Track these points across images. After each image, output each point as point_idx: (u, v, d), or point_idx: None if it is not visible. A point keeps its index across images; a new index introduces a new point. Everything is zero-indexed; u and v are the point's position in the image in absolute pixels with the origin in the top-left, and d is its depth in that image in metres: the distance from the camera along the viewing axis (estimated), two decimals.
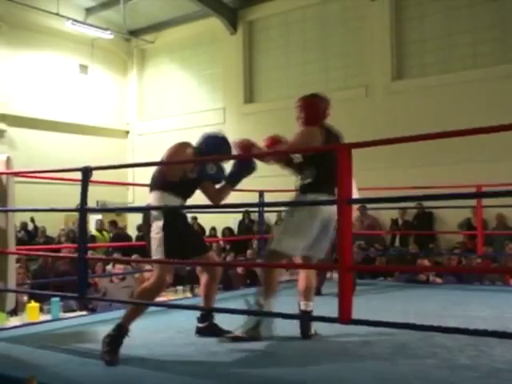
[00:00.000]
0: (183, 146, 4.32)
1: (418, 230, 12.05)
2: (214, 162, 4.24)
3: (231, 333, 4.37)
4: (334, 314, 3.24)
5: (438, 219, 12.60)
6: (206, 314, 4.50)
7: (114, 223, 14.81)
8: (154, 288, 4.07)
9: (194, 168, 4.22)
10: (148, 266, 8.84)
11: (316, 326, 4.38)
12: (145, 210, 4.32)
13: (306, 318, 4.40)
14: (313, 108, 4.46)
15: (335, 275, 7.24)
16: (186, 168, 4.20)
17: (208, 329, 4.47)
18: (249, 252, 10.52)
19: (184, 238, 4.21)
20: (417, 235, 11.72)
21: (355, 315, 3.28)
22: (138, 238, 14.39)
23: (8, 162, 4.90)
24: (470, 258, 8.91)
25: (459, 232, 11.55)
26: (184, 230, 4.29)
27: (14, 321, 5.84)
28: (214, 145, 4.36)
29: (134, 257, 9.06)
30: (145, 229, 4.25)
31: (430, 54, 13.44)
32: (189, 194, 4.36)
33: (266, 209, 9.08)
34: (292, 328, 4.36)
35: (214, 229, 14.57)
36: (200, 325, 4.51)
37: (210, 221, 14.17)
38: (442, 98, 12.73)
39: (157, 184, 4.25)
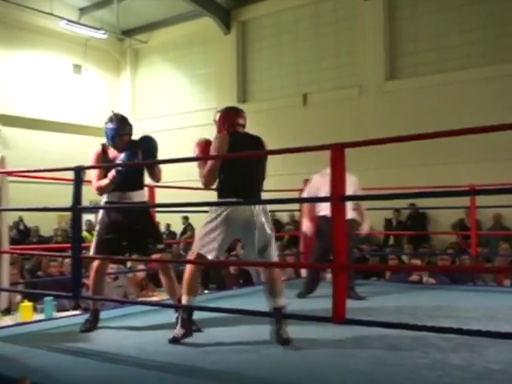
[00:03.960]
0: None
1: (411, 230, 12.08)
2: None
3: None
4: (328, 313, 3.25)
5: (431, 220, 12.66)
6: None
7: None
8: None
9: None
10: (141, 266, 8.85)
11: (308, 326, 4.38)
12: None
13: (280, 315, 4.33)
14: (220, 120, 4.49)
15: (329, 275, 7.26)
16: None
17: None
18: (241, 252, 10.51)
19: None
20: (410, 236, 11.75)
21: (348, 315, 3.29)
22: None
23: (2, 161, 4.90)
24: (462, 258, 8.93)
25: (453, 232, 11.59)
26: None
27: (7, 320, 5.82)
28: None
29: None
30: None
31: (423, 54, 13.48)
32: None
33: None
34: (287, 328, 4.37)
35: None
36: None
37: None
38: (435, 97, 12.78)
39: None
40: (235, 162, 4.30)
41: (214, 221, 4.25)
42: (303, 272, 9.00)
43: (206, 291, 8.21)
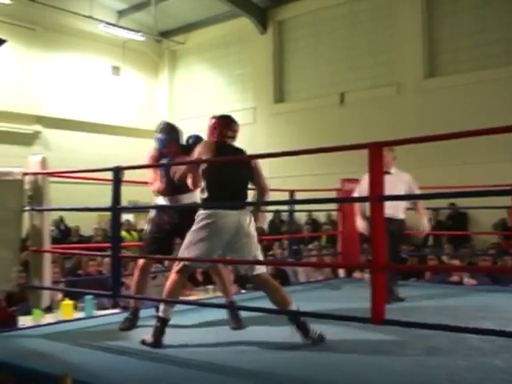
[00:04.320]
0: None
1: (451, 230, 11.90)
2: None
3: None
4: (366, 314, 3.22)
5: (472, 220, 12.45)
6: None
7: None
8: None
9: None
10: None
11: (347, 327, 4.35)
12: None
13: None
14: (210, 128, 4.52)
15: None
16: None
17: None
18: (278, 252, 10.51)
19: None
20: (450, 236, 11.58)
21: (387, 316, 3.26)
22: None
23: (43, 162, 4.98)
24: (504, 259, 8.77)
25: (494, 233, 11.39)
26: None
27: (48, 318, 5.92)
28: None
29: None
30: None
31: (463, 51, 13.28)
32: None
33: (296, 208, 9.04)
34: (322, 328, 4.36)
35: None
36: None
37: None
38: (475, 95, 12.58)
39: None
40: (220, 172, 4.28)
41: (200, 230, 4.21)
42: (341, 272, 8.97)
43: (243, 291, 8.21)
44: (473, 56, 13.13)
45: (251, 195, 4.53)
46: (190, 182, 4.41)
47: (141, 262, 5.04)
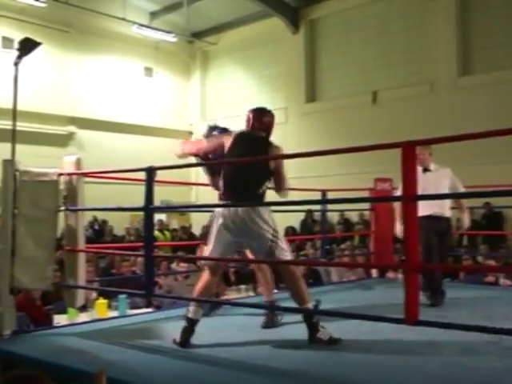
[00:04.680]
0: None
1: (486, 230, 11.71)
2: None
3: None
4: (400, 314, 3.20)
5: (508, 219, 12.25)
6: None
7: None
8: None
9: None
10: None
11: (378, 327, 4.32)
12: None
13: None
14: (246, 121, 4.68)
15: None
16: None
17: None
18: (311, 251, 10.49)
19: None
20: (485, 236, 11.40)
21: (421, 316, 3.23)
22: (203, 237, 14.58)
23: (78, 163, 5.04)
24: None
25: None
26: None
27: (83, 317, 5.99)
28: None
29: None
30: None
31: (498, 48, 13.07)
32: None
33: (328, 208, 9.00)
34: (355, 328, 4.34)
35: None
36: None
37: None
38: (510, 93, 12.37)
39: None
40: (225, 166, 4.41)
41: (212, 230, 4.37)
42: (374, 272, 8.92)
43: (276, 290, 8.21)
44: (507, 53, 12.92)
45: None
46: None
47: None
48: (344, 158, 9.51)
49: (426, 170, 5.96)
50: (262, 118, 4.57)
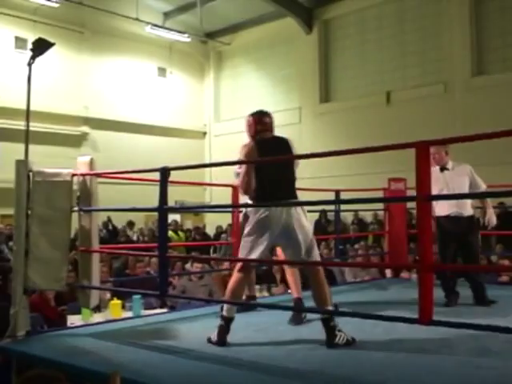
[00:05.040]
0: None
1: (501, 230, 11.59)
2: None
3: None
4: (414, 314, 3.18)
5: None
6: None
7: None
8: None
9: None
10: (225, 265, 8.93)
11: (393, 327, 4.30)
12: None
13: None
14: (247, 126, 4.68)
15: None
16: None
17: None
18: (325, 251, 10.46)
19: None
20: (500, 235, 11.29)
21: (435, 316, 3.21)
22: (216, 237, 14.62)
23: (91, 163, 5.05)
24: None
25: None
26: None
27: (97, 317, 6.02)
28: None
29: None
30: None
31: (511, 49, 12.97)
32: None
33: (342, 208, 8.97)
34: (370, 328, 4.32)
35: None
36: None
37: None
38: None
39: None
40: (264, 168, 4.36)
41: (252, 228, 4.33)
42: (388, 272, 8.87)
43: (289, 291, 8.20)
44: None
45: None
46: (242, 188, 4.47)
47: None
48: (358, 158, 9.51)
49: (443, 168, 5.88)
50: (262, 120, 4.61)
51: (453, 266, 9.37)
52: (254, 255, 4.26)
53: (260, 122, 4.60)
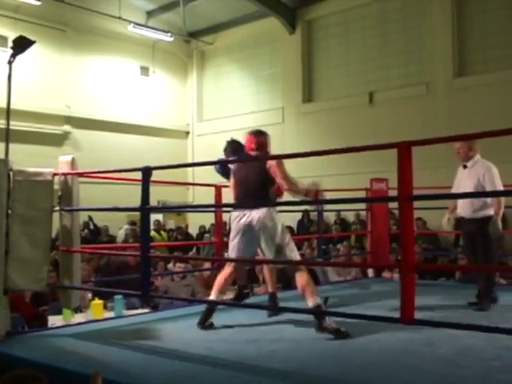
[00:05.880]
0: None
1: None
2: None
3: None
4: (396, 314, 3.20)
5: (507, 220, 12.23)
6: None
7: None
8: None
9: None
10: (207, 265, 8.92)
11: (375, 327, 4.32)
12: None
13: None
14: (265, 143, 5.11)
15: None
16: None
17: None
18: (307, 251, 10.47)
19: None
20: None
21: (417, 315, 3.23)
22: (199, 237, 14.60)
23: (73, 162, 5.02)
24: None
25: None
26: None
27: (78, 317, 5.98)
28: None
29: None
30: None
31: (494, 50, 13.08)
32: None
33: (324, 208, 9.00)
34: (352, 327, 4.34)
35: None
36: None
37: None
38: (506, 94, 12.39)
39: None
40: (237, 177, 4.98)
41: (232, 232, 4.86)
42: (370, 272, 8.92)
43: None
44: (503, 54, 12.93)
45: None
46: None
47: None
48: (341, 158, 9.55)
49: (465, 166, 5.71)
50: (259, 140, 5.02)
51: (433, 266, 9.44)
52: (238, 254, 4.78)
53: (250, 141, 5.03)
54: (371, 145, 3.95)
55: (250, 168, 4.88)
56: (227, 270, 4.92)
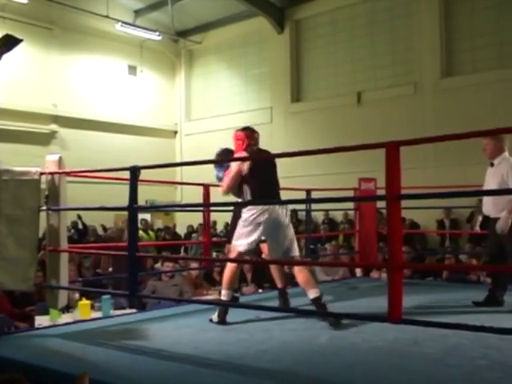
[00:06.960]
0: None
1: (470, 229, 11.74)
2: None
3: None
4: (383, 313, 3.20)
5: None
6: None
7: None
8: None
9: None
10: (194, 264, 8.90)
11: (366, 326, 4.34)
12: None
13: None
14: (238, 140, 5.14)
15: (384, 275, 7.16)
16: None
17: None
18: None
19: None
20: (471, 235, 11.43)
21: (405, 315, 3.23)
22: (187, 237, 14.57)
23: (60, 161, 4.99)
24: None
25: None
26: None
27: (66, 318, 5.95)
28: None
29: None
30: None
31: (481, 50, 13.16)
32: None
33: (312, 207, 9.00)
34: (343, 328, 4.34)
35: None
36: None
37: None
38: (493, 94, 12.47)
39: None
40: (259, 173, 4.95)
41: (248, 221, 4.85)
42: (358, 271, 8.94)
43: (261, 290, 8.21)
44: (490, 55, 13.02)
45: None
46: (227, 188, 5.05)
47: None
48: (329, 157, 9.58)
49: (492, 164, 5.51)
50: (253, 136, 5.12)
51: (420, 265, 9.47)
52: (246, 241, 4.84)
53: (251, 137, 5.09)
54: (359, 144, 3.96)
55: (268, 165, 5.08)
56: (231, 265, 5.01)
